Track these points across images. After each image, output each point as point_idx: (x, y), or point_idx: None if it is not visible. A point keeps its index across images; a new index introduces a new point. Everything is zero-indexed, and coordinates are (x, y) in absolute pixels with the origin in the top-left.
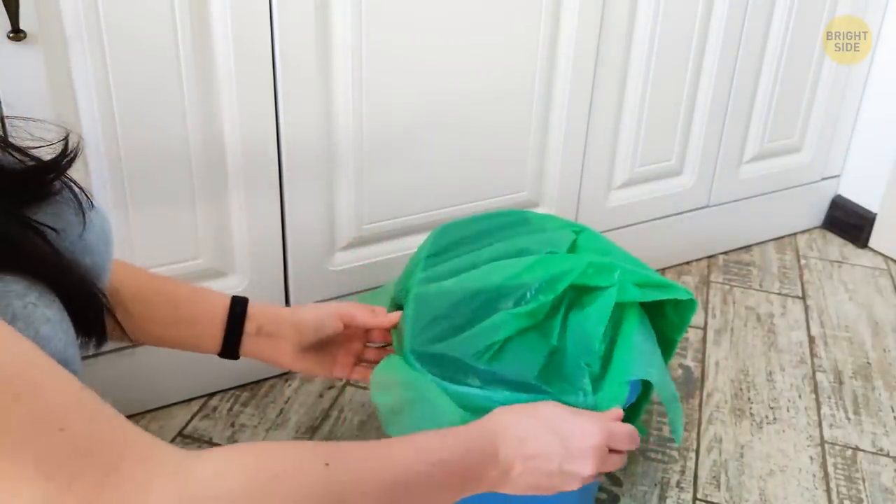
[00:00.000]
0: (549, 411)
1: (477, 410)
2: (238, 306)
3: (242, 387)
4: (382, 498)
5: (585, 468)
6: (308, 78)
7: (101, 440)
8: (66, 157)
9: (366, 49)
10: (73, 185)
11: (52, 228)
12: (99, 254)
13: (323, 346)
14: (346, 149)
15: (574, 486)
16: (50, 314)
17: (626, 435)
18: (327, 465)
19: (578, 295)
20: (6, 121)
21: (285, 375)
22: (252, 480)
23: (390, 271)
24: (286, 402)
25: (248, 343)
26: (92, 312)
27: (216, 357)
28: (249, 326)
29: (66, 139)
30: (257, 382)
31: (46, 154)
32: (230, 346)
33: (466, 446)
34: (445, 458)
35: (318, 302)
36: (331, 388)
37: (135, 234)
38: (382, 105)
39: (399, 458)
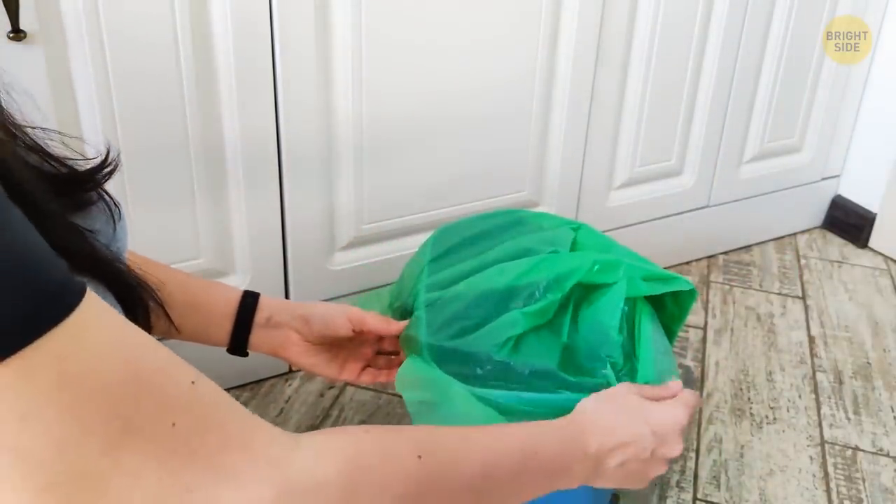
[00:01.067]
0: (632, 400)
1: (504, 411)
2: (249, 297)
3: (242, 386)
4: (472, 488)
5: (676, 450)
6: (308, 78)
7: (208, 433)
8: (105, 168)
9: (366, 48)
10: (106, 195)
11: (91, 231)
12: (123, 248)
13: (333, 347)
14: (346, 148)
15: (663, 468)
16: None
17: (697, 404)
18: (420, 457)
19: (586, 293)
20: (43, 132)
21: (285, 375)
22: (345, 471)
23: (390, 271)
24: (286, 401)
25: (257, 335)
26: (141, 309)
27: (216, 356)
28: (259, 317)
29: (107, 151)
30: (257, 382)
31: (84, 166)
32: (240, 338)
33: (558, 437)
34: (538, 450)
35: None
36: (331, 387)
37: (135, 234)
38: (382, 105)
39: (492, 447)
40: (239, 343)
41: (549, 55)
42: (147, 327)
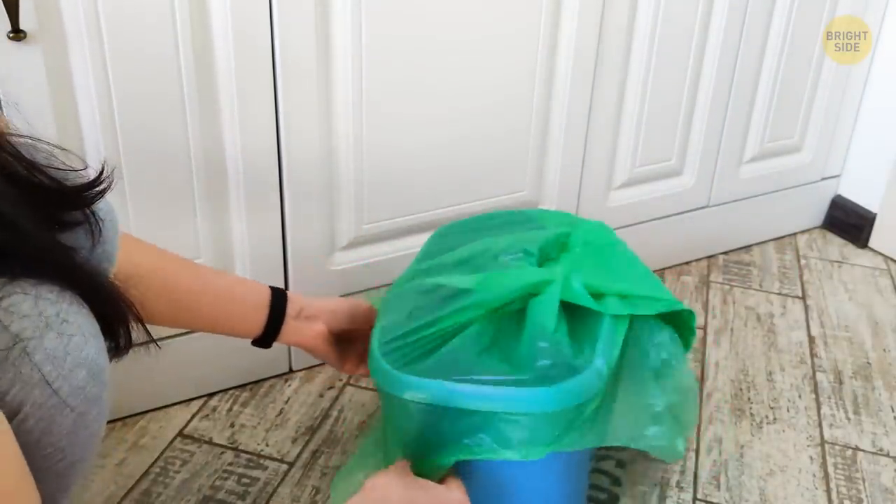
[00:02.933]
0: (395, 495)
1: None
2: (279, 291)
3: (242, 387)
4: None
5: None
6: (308, 78)
7: None
8: (96, 186)
9: (366, 50)
10: (91, 215)
11: (70, 248)
12: (105, 261)
13: (343, 338)
14: (347, 148)
15: None
16: (81, 321)
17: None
18: None
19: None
20: (38, 144)
21: (285, 375)
22: None
23: (390, 271)
24: (286, 402)
25: (288, 327)
26: (121, 323)
27: (216, 357)
28: (291, 309)
29: (101, 167)
30: (257, 382)
31: (76, 179)
32: (270, 330)
33: None
34: None
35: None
36: (330, 388)
37: (135, 235)
38: (383, 104)
39: None
40: (268, 334)
41: (548, 55)
42: (128, 340)
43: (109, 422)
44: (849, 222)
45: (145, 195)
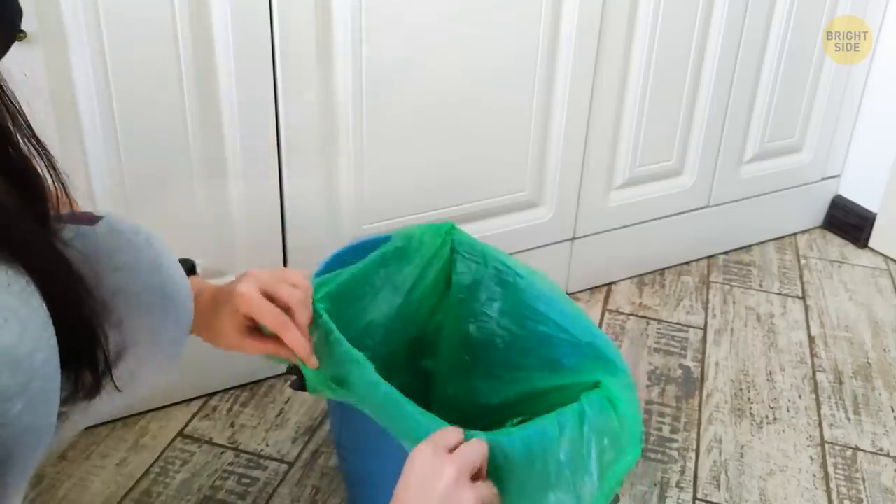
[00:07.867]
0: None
1: None
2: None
3: (242, 387)
4: None
5: (466, 500)
6: (308, 79)
7: None
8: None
9: (366, 49)
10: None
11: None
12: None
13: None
14: (347, 148)
15: None
16: (13, 304)
17: (474, 451)
18: None
19: None
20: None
21: (285, 376)
22: None
23: None
24: (286, 402)
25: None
26: (85, 345)
27: (216, 357)
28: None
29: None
30: (257, 382)
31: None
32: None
33: None
34: None
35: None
36: None
37: None
38: (383, 104)
39: None
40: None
41: (548, 55)
42: (96, 374)
43: (110, 422)
44: (849, 222)
45: (145, 196)
